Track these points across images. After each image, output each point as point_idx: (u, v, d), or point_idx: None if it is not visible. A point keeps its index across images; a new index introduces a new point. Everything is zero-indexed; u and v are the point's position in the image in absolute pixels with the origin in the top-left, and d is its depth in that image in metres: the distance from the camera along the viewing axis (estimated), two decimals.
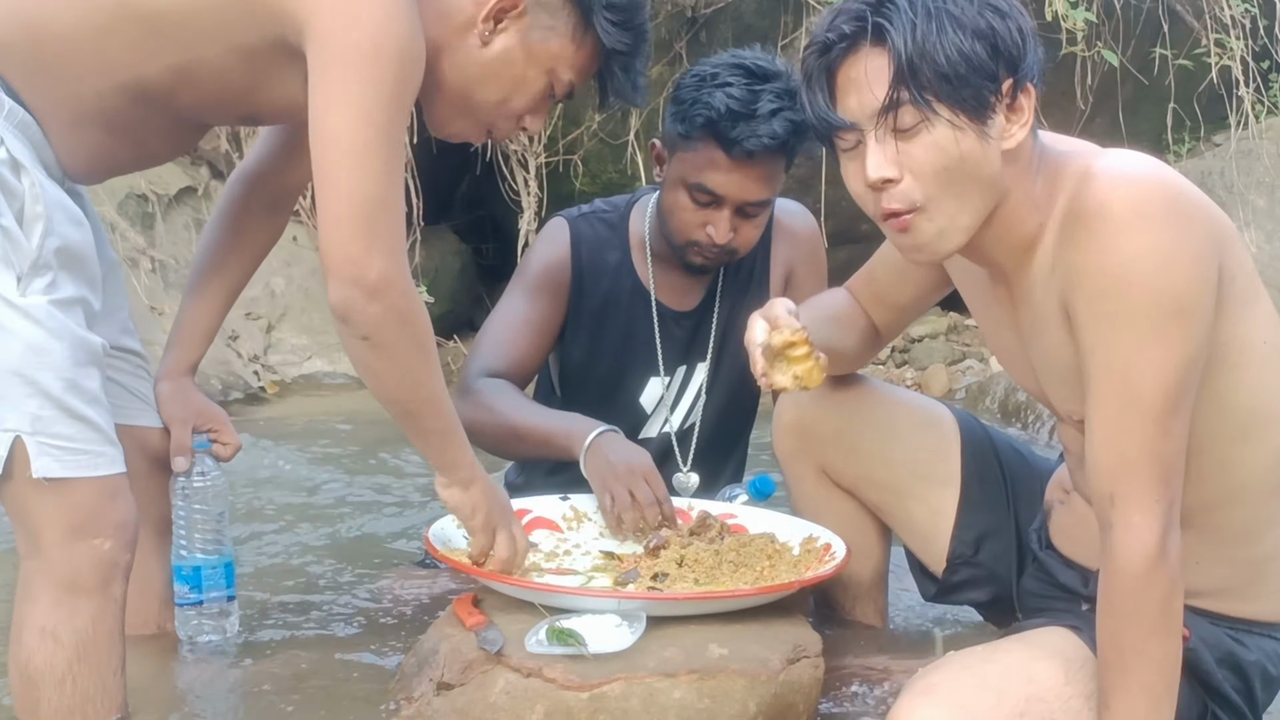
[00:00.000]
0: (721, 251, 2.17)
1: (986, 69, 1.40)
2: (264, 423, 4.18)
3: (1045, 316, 1.50)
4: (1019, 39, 1.42)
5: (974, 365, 5.53)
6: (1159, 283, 1.35)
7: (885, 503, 1.94)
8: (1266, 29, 5.96)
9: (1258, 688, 1.59)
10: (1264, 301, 1.49)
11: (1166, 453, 1.39)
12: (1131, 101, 5.90)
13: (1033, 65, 1.44)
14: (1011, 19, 1.43)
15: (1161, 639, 1.41)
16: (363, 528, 2.99)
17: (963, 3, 1.41)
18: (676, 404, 2.36)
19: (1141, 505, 1.38)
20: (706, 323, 2.34)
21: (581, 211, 2.36)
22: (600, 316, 2.31)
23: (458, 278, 5.83)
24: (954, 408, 1.98)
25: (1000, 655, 1.54)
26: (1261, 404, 1.49)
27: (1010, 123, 1.44)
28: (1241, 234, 6.13)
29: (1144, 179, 1.41)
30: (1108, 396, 1.41)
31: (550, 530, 2.02)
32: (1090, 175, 1.42)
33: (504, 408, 2.14)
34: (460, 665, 1.63)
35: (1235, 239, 1.47)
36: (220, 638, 1.99)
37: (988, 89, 1.41)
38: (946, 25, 1.39)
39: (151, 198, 4.84)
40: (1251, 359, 1.47)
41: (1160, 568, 1.38)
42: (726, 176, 2.09)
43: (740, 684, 1.59)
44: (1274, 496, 1.52)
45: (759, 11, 5.33)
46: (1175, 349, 1.37)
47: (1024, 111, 1.44)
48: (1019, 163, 1.47)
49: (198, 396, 1.99)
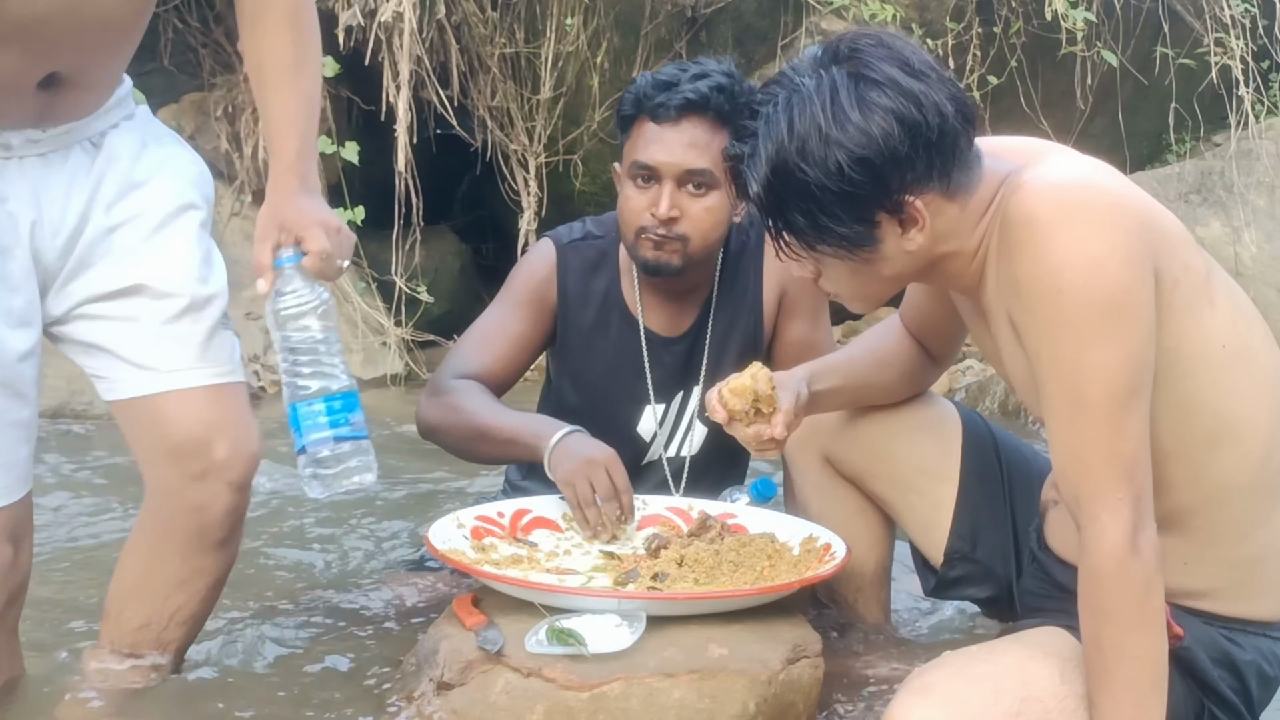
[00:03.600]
0: (670, 236, 2.10)
1: (853, 211, 1.46)
2: (264, 423, 4.17)
3: (1001, 328, 1.54)
4: (903, 142, 1.42)
5: (974, 365, 5.53)
6: (1091, 285, 1.37)
7: (887, 495, 1.95)
8: (1266, 29, 5.96)
9: (1254, 687, 1.59)
10: (1221, 307, 1.49)
11: (1124, 451, 1.39)
12: (1131, 101, 5.90)
13: (930, 166, 1.45)
14: (911, 109, 1.43)
15: (1141, 635, 1.41)
16: (362, 528, 2.99)
17: (842, 112, 1.43)
18: (674, 432, 2.31)
19: (1106, 504, 1.39)
20: (699, 347, 2.28)
21: (572, 236, 2.30)
22: (588, 346, 2.27)
23: (458, 278, 5.82)
24: (959, 405, 1.99)
25: (996, 655, 1.55)
26: (1228, 408, 1.49)
27: (906, 234, 1.49)
28: (1241, 234, 6.05)
29: (1067, 184, 1.43)
30: (1058, 401, 1.42)
31: (550, 530, 2.02)
32: (1018, 186, 1.44)
33: (471, 408, 2.12)
34: (460, 665, 1.64)
35: (1180, 242, 1.48)
36: (353, 487, 1.72)
37: (860, 228, 1.47)
38: (796, 174, 1.45)
39: None
40: (1210, 364, 1.47)
41: (1132, 564, 1.39)
42: (657, 145, 2.09)
43: (740, 684, 1.59)
44: (1257, 497, 1.52)
45: (759, 11, 5.33)
46: (1116, 349, 1.38)
47: (921, 218, 1.47)
48: (958, 226, 1.51)
49: (289, 205, 1.71)
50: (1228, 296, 1.51)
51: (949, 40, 5.42)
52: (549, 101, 5.19)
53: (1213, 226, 5.75)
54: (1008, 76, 5.53)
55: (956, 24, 5.45)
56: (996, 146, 1.57)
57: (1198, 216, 5.74)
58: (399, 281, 5.07)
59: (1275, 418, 1.51)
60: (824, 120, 1.43)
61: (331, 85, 5.04)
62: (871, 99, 1.43)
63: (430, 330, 5.25)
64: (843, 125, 1.43)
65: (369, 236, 5.11)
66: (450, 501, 3.19)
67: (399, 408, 4.64)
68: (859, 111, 1.42)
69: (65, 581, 2.52)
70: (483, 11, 5.06)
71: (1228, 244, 5.67)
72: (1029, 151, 1.56)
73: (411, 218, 4.94)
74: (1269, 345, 1.55)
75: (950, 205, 1.49)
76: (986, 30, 5.49)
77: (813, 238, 1.50)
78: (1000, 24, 5.50)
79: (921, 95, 1.43)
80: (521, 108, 5.26)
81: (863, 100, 1.43)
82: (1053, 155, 1.54)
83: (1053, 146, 1.59)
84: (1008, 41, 5.52)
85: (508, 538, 1.97)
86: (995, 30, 5.49)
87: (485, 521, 1.98)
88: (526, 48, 5.17)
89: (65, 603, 2.37)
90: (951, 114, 1.45)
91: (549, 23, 5.09)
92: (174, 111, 5.16)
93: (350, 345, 5.02)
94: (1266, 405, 1.51)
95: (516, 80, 5.24)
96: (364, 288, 5.17)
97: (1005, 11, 5.49)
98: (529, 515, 2.02)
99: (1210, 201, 5.83)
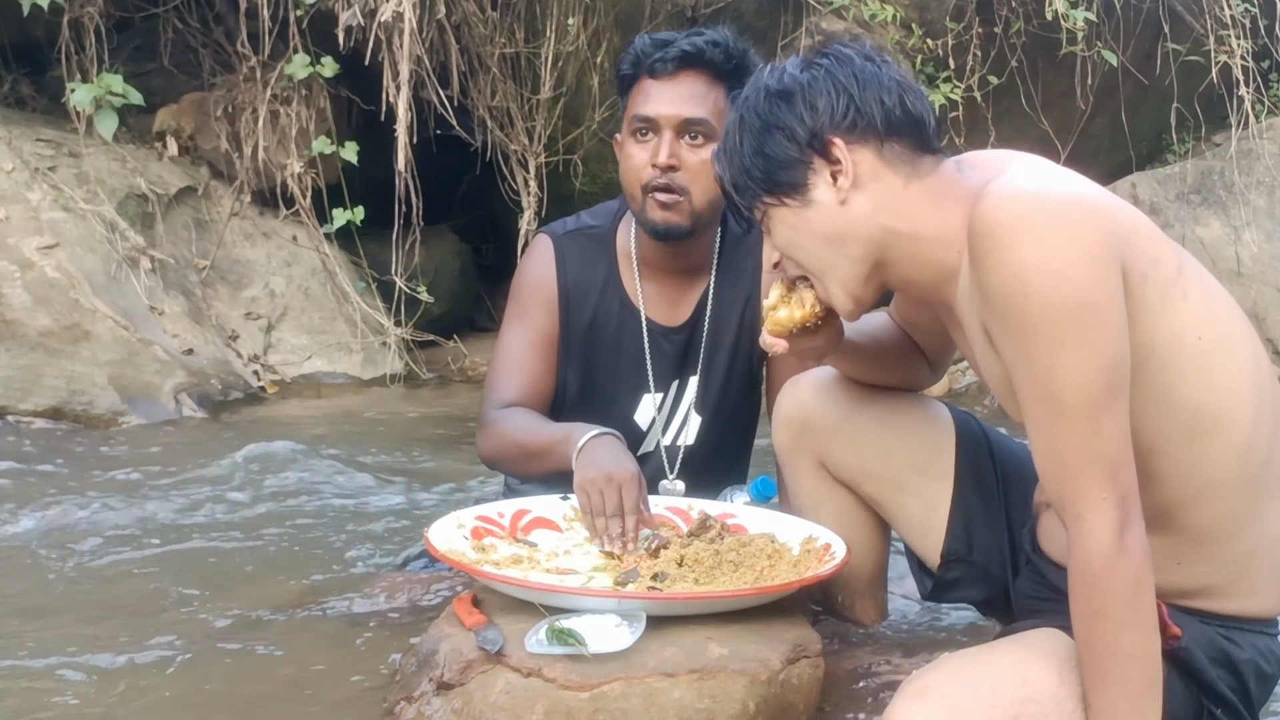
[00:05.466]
0: (673, 188, 2.14)
1: (778, 141, 1.59)
2: (264, 423, 4.18)
3: (976, 338, 1.55)
4: (826, 83, 1.58)
5: None
6: (1057, 289, 1.38)
7: (882, 497, 1.94)
8: (1267, 29, 5.96)
9: (1252, 685, 1.59)
10: (1195, 298, 1.49)
11: (1105, 451, 1.40)
12: (1132, 101, 5.90)
13: (834, 115, 1.57)
14: (845, 70, 1.59)
15: (1132, 634, 1.41)
16: (362, 528, 2.99)
17: (791, 65, 1.63)
18: (671, 420, 2.33)
19: (1090, 504, 1.40)
20: (697, 336, 2.30)
21: (566, 229, 2.33)
22: (589, 335, 2.29)
23: (458, 277, 5.82)
24: (952, 406, 1.99)
25: (995, 657, 1.55)
26: (1207, 401, 1.49)
27: (836, 183, 1.58)
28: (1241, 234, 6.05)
29: (1027, 192, 1.44)
30: (1035, 406, 1.43)
31: (550, 530, 2.02)
32: (982, 196, 1.46)
33: (513, 430, 2.17)
34: (460, 665, 1.64)
35: (1147, 237, 1.49)
36: None
37: (787, 158, 1.58)
38: (740, 115, 1.63)
39: (151, 198, 4.84)
40: (1185, 356, 1.47)
41: (1120, 563, 1.39)
42: (656, 97, 2.16)
43: (740, 684, 1.59)
44: (1245, 491, 1.52)
45: (759, 11, 5.33)
46: (1087, 349, 1.38)
47: (843, 162, 1.57)
48: (906, 206, 1.56)
49: None
50: (1201, 288, 1.51)
51: (949, 40, 5.43)
52: (549, 101, 5.19)
53: (1213, 226, 5.75)
54: (1008, 76, 5.53)
55: (956, 24, 5.45)
56: (974, 161, 1.61)
57: (1198, 216, 5.74)
58: (399, 281, 5.07)
59: (1257, 409, 1.51)
60: (770, 71, 1.63)
61: (331, 85, 5.05)
62: (815, 62, 1.61)
63: (430, 330, 5.25)
64: (784, 70, 1.62)
65: (369, 236, 5.12)
66: (450, 501, 3.19)
67: (399, 407, 4.65)
68: (800, 68, 1.62)
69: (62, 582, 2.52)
70: (483, 11, 5.06)
71: (1228, 244, 5.67)
72: (999, 163, 1.58)
73: (411, 218, 4.94)
74: (1249, 336, 1.55)
75: (889, 173, 1.57)
76: (986, 30, 5.49)
77: (749, 178, 1.61)
78: (1000, 24, 5.50)
79: (861, 68, 1.59)
80: (521, 108, 5.26)
81: (809, 64, 1.61)
82: (1016, 165, 1.56)
83: (1020, 156, 1.60)
84: (1008, 41, 5.52)
85: (508, 538, 1.97)
86: (995, 30, 5.49)
87: (485, 522, 1.98)
88: (526, 48, 5.17)
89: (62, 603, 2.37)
90: (892, 89, 1.58)
91: (549, 23, 5.09)
92: (174, 111, 5.16)
93: (350, 345, 5.03)
94: (1247, 397, 1.50)
95: (516, 80, 5.24)
96: (364, 288, 5.17)
97: (1005, 11, 5.49)
98: (529, 515, 2.02)
99: (1210, 201, 5.83)
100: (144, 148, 5.09)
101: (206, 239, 5.02)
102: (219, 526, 2.97)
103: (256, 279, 5.04)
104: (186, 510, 3.08)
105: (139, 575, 2.58)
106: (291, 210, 5.09)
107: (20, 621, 2.25)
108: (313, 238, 5.12)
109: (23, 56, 5.23)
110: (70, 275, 4.36)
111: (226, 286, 4.96)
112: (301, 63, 4.92)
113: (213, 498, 3.19)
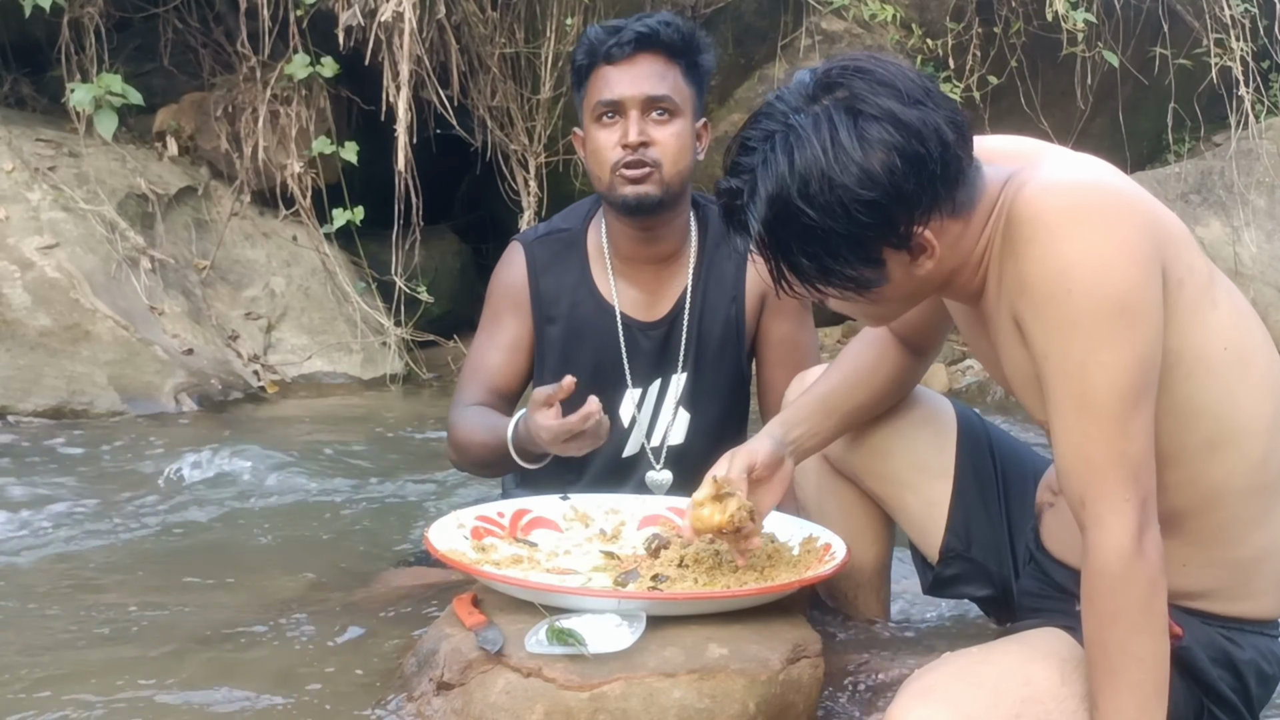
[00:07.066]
0: (643, 162, 2.15)
1: (860, 251, 1.44)
2: (264, 423, 4.18)
3: (1003, 330, 1.52)
4: (908, 179, 1.39)
5: (974, 365, 5.53)
6: (1099, 285, 1.36)
7: (884, 492, 1.94)
8: (1266, 29, 5.97)
9: (1253, 685, 1.59)
10: (1223, 309, 1.49)
11: (1130, 452, 1.39)
12: (1131, 101, 5.90)
13: (936, 196, 1.42)
14: (912, 142, 1.39)
15: (1145, 637, 1.41)
16: (362, 527, 2.99)
17: (844, 153, 1.38)
18: (656, 417, 2.31)
19: (1112, 505, 1.39)
20: (676, 333, 2.29)
21: (537, 234, 2.35)
22: (565, 336, 2.29)
23: (457, 278, 5.83)
24: (956, 403, 1.98)
25: (996, 656, 1.54)
26: (1228, 413, 1.48)
27: (915, 260, 1.47)
28: (1241, 234, 6.05)
29: (1074, 184, 1.42)
30: (1064, 402, 1.41)
31: (550, 530, 2.02)
32: (1022, 186, 1.43)
33: (464, 434, 2.21)
34: (460, 665, 1.63)
35: (1184, 243, 1.47)
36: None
37: (867, 269, 1.45)
38: (800, 216, 1.40)
39: (151, 198, 4.84)
40: (1210, 366, 1.47)
41: (1137, 566, 1.38)
42: (617, 81, 2.19)
43: (740, 684, 1.59)
44: (1255, 499, 1.52)
45: (759, 11, 5.33)
46: (1124, 349, 1.37)
47: (930, 246, 1.45)
48: (966, 241, 1.49)
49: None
50: (1228, 299, 1.51)
51: (949, 40, 5.43)
52: (549, 101, 5.20)
53: (1213, 226, 5.76)
54: (1008, 76, 5.53)
55: (956, 24, 5.45)
56: (991, 149, 1.56)
57: (1198, 216, 5.74)
58: (399, 281, 5.08)
59: (1273, 422, 1.50)
60: (826, 161, 1.39)
61: (331, 85, 5.05)
62: (872, 136, 1.39)
63: (430, 330, 5.25)
64: (845, 167, 1.39)
65: (369, 236, 5.12)
66: (450, 502, 3.19)
67: (399, 407, 4.65)
68: (861, 150, 1.39)
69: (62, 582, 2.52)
70: (483, 11, 5.06)
71: (1228, 244, 5.68)
72: (1025, 153, 1.55)
73: (411, 218, 4.94)
74: (1268, 348, 1.54)
75: (956, 224, 1.47)
76: (986, 30, 5.49)
77: (818, 279, 1.47)
78: (1000, 24, 5.50)
79: (921, 126, 1.40)
80: (521, 108, 5.26)
81: (863, 138, 1.39)
82: (1051, 154, 1.53)
83: (1047, 146, 1.58)
84: (1008, 42, 5.52)
85: (508, 538, 1.97)
86: (995, 30, 5.49)
87: (485, 522, 1.98)
88: (526, 48, 5.17)
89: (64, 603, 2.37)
90: (953, 141, 1.42)
91: (549, 23, 5.09)
92: (174, 111, 5.16)
93: (350, 345, 5.03)
94: (1265, 409, 1.50)
95: (516, 80, 5.25)
96: (364, 288, 5.17)
97: (1005, 12, 5.49)
98: (529, 515, 2.02)
99: (1210, 201, 5.83)
100: (144, 148, 5.09)
101: (206, 239, 5.03)
102: (218, 526, 2.97)
103: (256, 279, 5.04)
104: (185, 509, 3.08)
105: (137, 574, 2.58)
106: (291, 210, 5.10)
107: (17, 621, 2.25)
108: (313, 238, 5.13)
109: (23, 56, 5.23)
110: (70, 275, 4.37)
111: (226, 286, 4.96)
112: (301, 63, 4.92)
113: (212, 497, 3.20)
